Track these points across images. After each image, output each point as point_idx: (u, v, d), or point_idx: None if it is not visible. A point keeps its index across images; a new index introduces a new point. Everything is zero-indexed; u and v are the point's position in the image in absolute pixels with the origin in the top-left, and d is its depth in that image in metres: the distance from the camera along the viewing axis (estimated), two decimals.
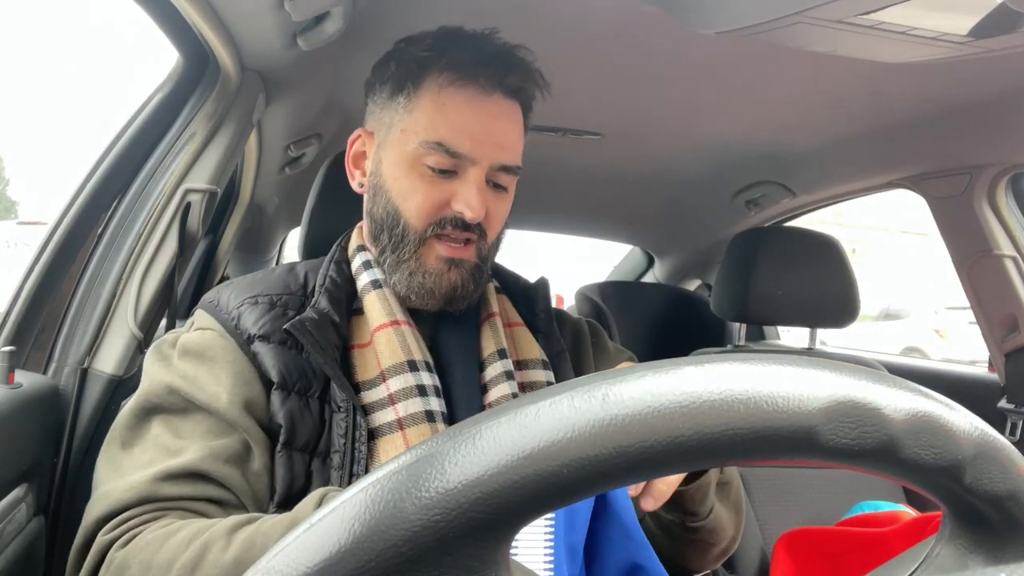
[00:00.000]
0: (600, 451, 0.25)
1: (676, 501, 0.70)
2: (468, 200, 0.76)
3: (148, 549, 0.61)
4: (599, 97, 1.37)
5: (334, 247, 0.87)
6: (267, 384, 0.74)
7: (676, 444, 0.25)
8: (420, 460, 0.25)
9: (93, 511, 0.67)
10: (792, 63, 1.14)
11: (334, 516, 0.25)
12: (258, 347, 0.75)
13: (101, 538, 0.64)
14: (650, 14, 0.97)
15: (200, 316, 0.79)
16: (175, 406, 0.72)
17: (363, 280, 0.82)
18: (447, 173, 0.77)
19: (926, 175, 1.49)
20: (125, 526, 0.64)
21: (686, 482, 0.69)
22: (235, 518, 0.63)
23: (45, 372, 0.90)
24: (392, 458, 0.26)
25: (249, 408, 0.72)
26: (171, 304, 1.03)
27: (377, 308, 0.79)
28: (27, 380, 0.82)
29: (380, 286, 0.81)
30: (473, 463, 0.24)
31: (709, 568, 0.82)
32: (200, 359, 0.74)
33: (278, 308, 0.78)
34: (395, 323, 0.78)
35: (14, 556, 0.74)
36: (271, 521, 0.61)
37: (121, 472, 0.69)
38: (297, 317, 0.75)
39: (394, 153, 0.79)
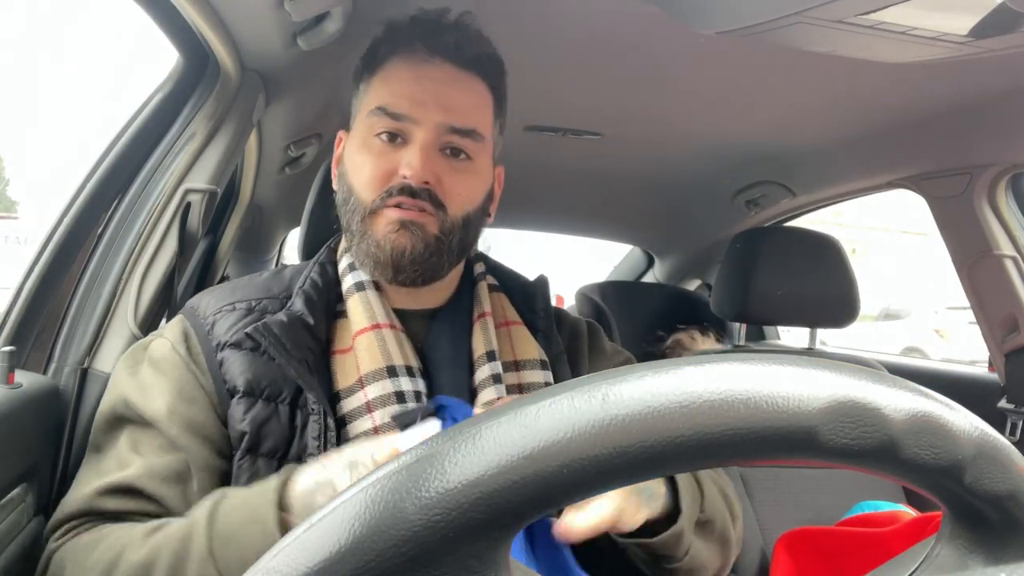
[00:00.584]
0: (600, 451, 0.25)
1: (647, 549, 0.69)
2: (410, 161, 0.74)
3: (81, 553, 0.66)
4: (599, 97, 1.37)
5: (323, 248, 0.86)
6: (229, 393, 0.74)
7: (676, 444, 0.25)
8: (420, 460, 0.25)
9: (51, 519, 0.72)
10: (792, 63, 1.14)
11: (334, 516, 0.25)
12: (227, 354, 0.74)
13: (50, 545, 0.70)
14: (650, 14, 0.97)
15: (174, 321, 0.80)
16: (135, 418, 0.74)
17: (348, 282, 0.80)
18: (394, 140, 0.76)
19: (926, 175, 1.49)
20: (68, 536, 0.69)
21: (656, 533, 0.67)
22: (155, 522, 0.67)
23: (45, 372, 0.90)
24: (392, 458, 0.26)
25: (190, 428, 0.72)
26: (171, 304, 1.03)
27: (359, 311, 0.78)
28: (27, 380, 0.82)
29: (364, 288, 0.79)
30: (473, 463, 0.24)
31: None
32: (157, 369, 0.76)
33: (255, 313, 0.77)
34: (376, 327, 0.76)
35: (14, 556, 0.74)
36: (176, 524, 0.65)
37: (88, 477, 0.73)
38: (262, 320, 0.74)
39: (352, 138, 0.81)
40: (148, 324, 0.97)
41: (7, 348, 0.79)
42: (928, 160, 1.46)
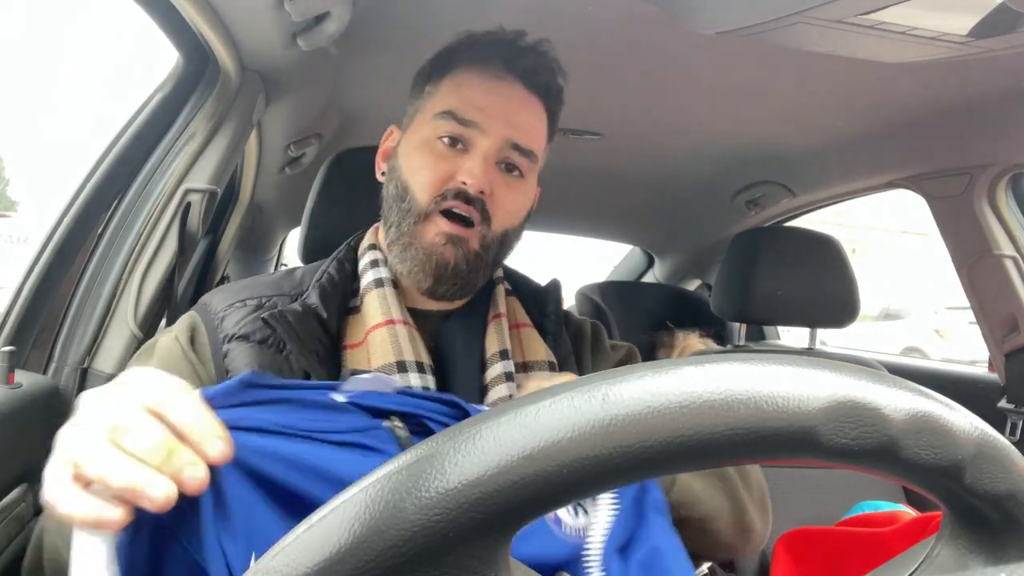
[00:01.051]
0: (600, 451, 0.25)
1: None
2: (471, 168, 0.75)
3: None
4: (599, 97, 1.37)
5: (343, 246, 0.87)
6: None
7: (676, 444, 0.25)
8: (420, 460, 0.25)
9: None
10: (792, 63, 1.14)
11: (334, 516, 0.25)
12: (233, 346, 0.75)
13: (43, 522, 0.68)
14: (650, 14, 0.97)
15: (184, 316, 0.81)
16: None
17: (367, 278, 0.81)
18: (457, 145, 0.78)
19: (926, 175, 1.49)
20: None
21: None
22: None
23: (45, 372, 0.90)
24: (392, 458, 0.26)
25: None
26: (171, 304, 1.03)
27: (375, 307, 0.78)
28: (27, 380, 0.82)
29: (383, 284, 0.80)
30: (473, 463, 0.24)
31: (723, 555, 0.79)
32: (156, 359, 0.76)
33: (265, 309, 0.78)
34: (390, 322, 0.77)
35: (14, 556, 0.74)
36: None
37: None
38: (277, 310, 0.75)
39: (412, 135, 0.81)
40: (148, 324, 0.97)
41: (7, 348, 0.79)
42: (928, 160, 1.46)
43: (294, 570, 0.24)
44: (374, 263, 0.82)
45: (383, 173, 0.85)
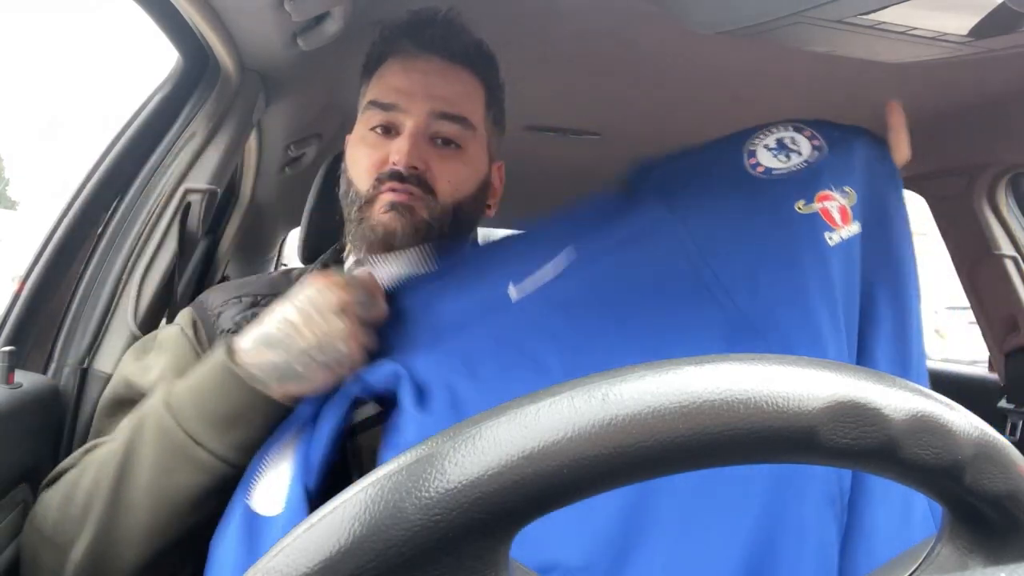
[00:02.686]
0: (600, 451, 0.25)
1: None
2: (399, 147, 0.76)
3: (61, 477, 0.69)
4: (599, 97, 1.37)
5: (330, 249, 0.88)
6: None
7: (676, 444, 0.25)
8: (420, 460, 0.25)
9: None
10: (792, 63, 1.14)
11: (334, 516, 0.25)
12: (241, 314, 0.77)
13: (40, 494, 0.71)
14: (650, 14, 0.97)
15: (183, 312, 0.82)
16: (136, 396, 0.74)
17: None
18: (388, 132, 0.79)
19: (926, 175, 1.49)
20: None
21: None
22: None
23: (45, 372, 0.90)
24: (392, 458, 0.26)
25: None
26: (171, 304, 1.03)
27: None
28: (27, 380, 0.82)
29: None
30: (473, 463, 0.24)
31: None
32: (161, 350, 0.77)
33: (260, 306, 0.79)
34: None
35: (15, 555, 0.74)
36: (180, 385, 0.67)
37: None
38: (252, 310, 0.76)
39: (352, 136, 0.83)
40: (148, 324, 0.97)
41: (7, 348, 0.79)
42: (928, 160, 1.46)
43: (294, 570, 0.24)
44: (358, 263, 0.82)
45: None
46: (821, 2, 0.78)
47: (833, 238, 0.64)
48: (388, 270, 0.75)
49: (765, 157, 0.71)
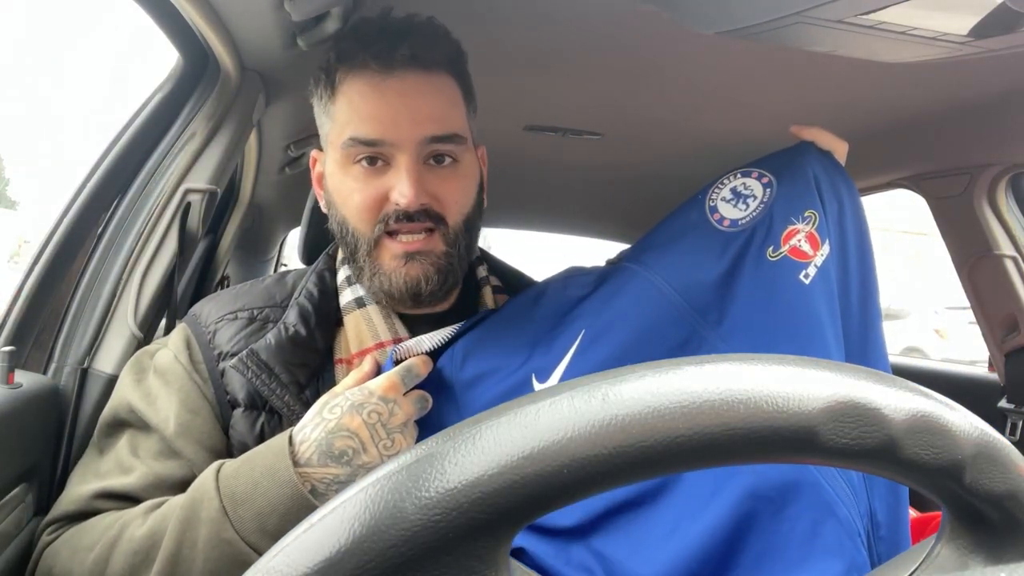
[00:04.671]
0: (600, 451, 0.24)
1: None
2: (400, 188, 0.71)
3: (76, 536, 0.67)
4: (599, 97, 1.37)
5: (321, 256, 0.86)
6: (230, 404, 0.74)
7: (676, 444, 0.25)
8: (420, 460, 0.25)
9: (47, 516, 0.73)
10: (792, 63, 1.14)
11: (334, 516, 0.24)
12: (228, 366, 0.74)
13: (44, 539, 0.70)
14: (650, 14, 0.97)
15: (177, 330, 0.81)
16: (138, 423, 0.74)
17: (347, 296, 0.80)
18: (377, 163, 0.73)
19: (926, 175, 1.49)
20: (62, 530, 0.70)
21: None
22: (154, 500, 0.68)
23: (45, 372, 0.90)
24: (392, 458, 0.26)
25: (195, 439, 0.72)
26: (171, 304, 1.03)
27: (362, 330, 0.77)
28: (27, 380, 0.82)
29: (364, 304, 0.79)
30: (473, 463, 0.24)
31: None
32: (163, 380, 0.76)
33: (257, 323, 0.77)
34: (380, 346, 0.76)
35: (14, 556, 0.74)
36: (179, 497, 0.65)
37: (85, 476, 0.73)
38: (248, 348, 0.74)
39: (331, 163, 0.77)
40: (148, 324, 0.97)
41: (7, 348, 0.79)
42: (928, 160, 1.46)
43: (294, 570, 0.24)
44: (349, 280, 0.81)
45: (326, 205, 0.82)
46: (821, 2, 0.78)
47: (809, 273, 0.67)
48: (424, 345, 0.73)
49: (726, 209, 0.74)
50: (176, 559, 0.61)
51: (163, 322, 1.04)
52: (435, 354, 0.73)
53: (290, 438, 0.64)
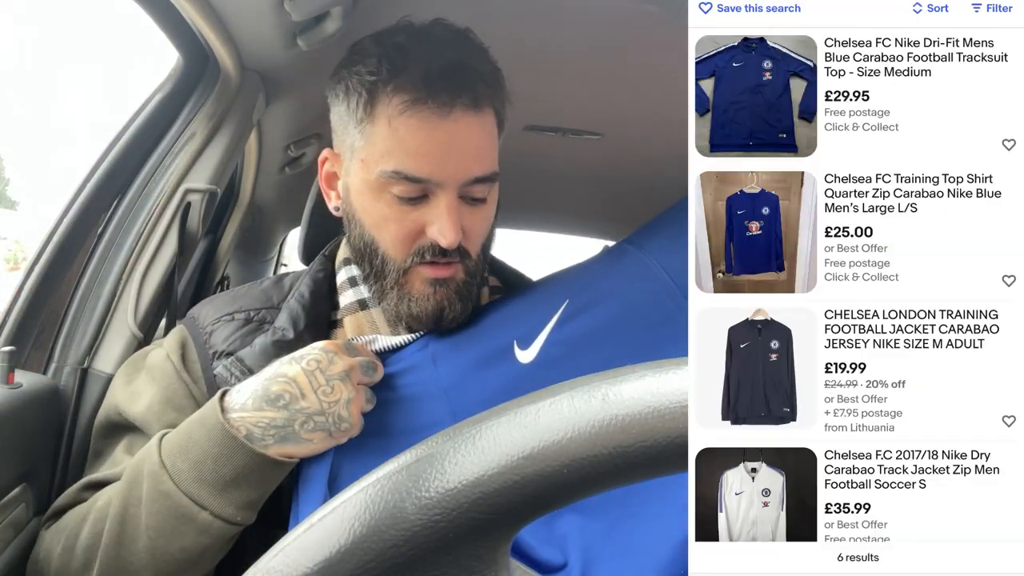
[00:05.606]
0: (600, 451, 0.24)
1: None
2: (441, 229, 0.70)
3: (60, 521, 0.70)
4: (599, 97, 1.37)
5: (318, 257, 0.85)
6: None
7: (676, 445, 0.25)
8: (420, 460, 0.25)
9: (44, 515, 0.75)
10: None
11: (334, 516, 0.24)
12: (221, 364, 0.75)
13: (40, 533, 0.73)
14: (650, 14, 0.97)
15: (174, 330, 0.81)
16: (127, 424, 0.75)
17: (348, 298, 0.79)
18: (415, 199, 0.71)
19: None
20: (51, 522, 0.73)
21: None
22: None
23: (45, 372, 0.90)
24: (392, 458, 0.26)
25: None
26: (171, 304, 1.03)
27: (364, 331, 0.77)
28: (27, 380, 0.82)
29: (367, 306, 0.78)
30: (473, 463, 0.24)
31: None
32: (151, 376, 0.77)
33: (253, 323, 0.78)
34: None
35: (14, 556, 0.74)
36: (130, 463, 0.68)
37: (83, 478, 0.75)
38: (233, 356, 0.74)
39: (358, 181, 0.74)
40: (148, 324, 0.97)
41: (7, 348, 0.79)
42: None
43: (294, 570, 0.24)
44: (352, 281, 0.80)
45: (336, 208, 0.80)
46: None
47: None
48: (391, 342, 0.74)
49: None
50: (123, 517, 0.63)
51: (163, 322, 1.04)
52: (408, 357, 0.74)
53: (222, 393, 0.66)
